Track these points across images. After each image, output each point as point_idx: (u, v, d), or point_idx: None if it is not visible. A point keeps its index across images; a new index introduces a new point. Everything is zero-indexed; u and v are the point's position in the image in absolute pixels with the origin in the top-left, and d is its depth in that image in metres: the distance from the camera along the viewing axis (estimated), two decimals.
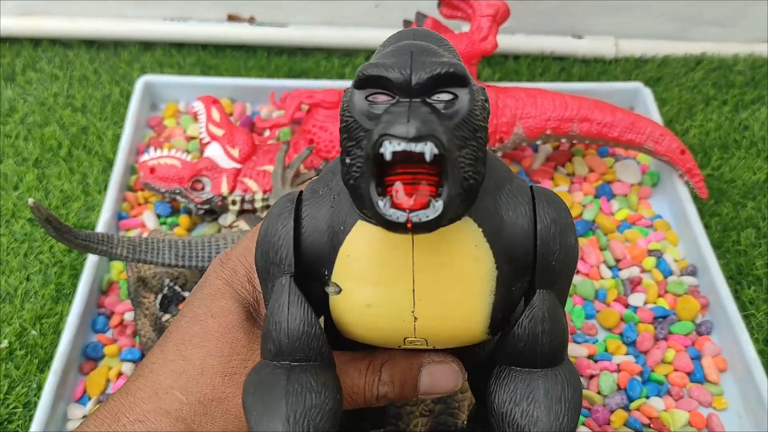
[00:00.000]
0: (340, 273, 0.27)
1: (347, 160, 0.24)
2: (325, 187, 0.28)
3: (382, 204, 0.22)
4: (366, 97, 0.24)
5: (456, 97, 0.24)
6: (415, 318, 0.27)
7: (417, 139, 0.22)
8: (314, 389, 0.26)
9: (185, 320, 0.31)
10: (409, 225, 0.22)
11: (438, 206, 0.22)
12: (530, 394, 0.27)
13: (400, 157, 0.22)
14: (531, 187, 0.28)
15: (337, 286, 0.27)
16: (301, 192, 0.29)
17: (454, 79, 0.23)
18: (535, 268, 0.27)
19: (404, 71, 0.23)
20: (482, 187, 0.25)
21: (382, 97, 0.24)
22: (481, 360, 0.33)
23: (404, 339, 0.28)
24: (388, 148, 0.22)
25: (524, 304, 0.28)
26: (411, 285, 0.26)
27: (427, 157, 0.22)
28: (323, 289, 0.28)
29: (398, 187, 0.23)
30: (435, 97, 0.24)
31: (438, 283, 0.26)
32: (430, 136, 0.22)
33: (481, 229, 0.26)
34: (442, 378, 0.30)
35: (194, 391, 0.29)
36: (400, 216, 0.22)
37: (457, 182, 0.23)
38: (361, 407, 0.31)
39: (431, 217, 0.22)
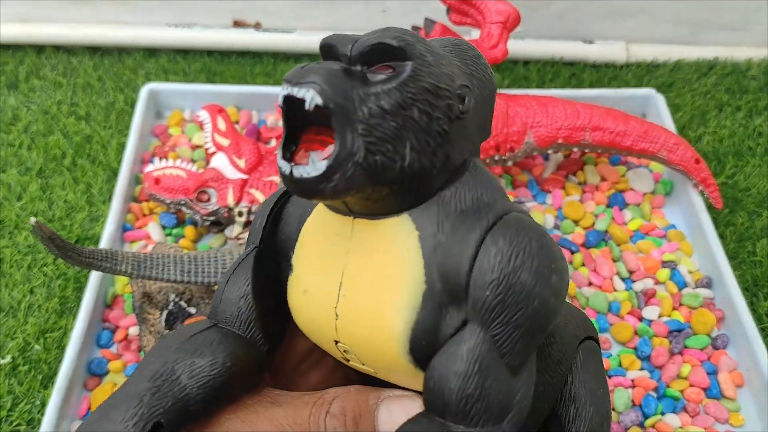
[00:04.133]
0: (296, 255, 0.27)
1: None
2: None
3: (279, 155, 0.22)
4: None
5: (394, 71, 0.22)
6: (337, 315, 0.25)
7: (300, 83, 0.20)
8: (205, 353, 0.25)
9: None
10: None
11: (320, 166, 0.21)
12: None
13: (290, 106, 0.21)
14: (506, 217, 0.23)
15: (291, 267, 0.27)
16: None
17: (390, 52, 0.22)
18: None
19: (351, 42, 0.22)
20: (446, 202, 0.23)
21: None
22: None
23: (335, 342, 0.26)
24: (281, 92, 0.21)
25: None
26: (340, 277, 0.25)
27: (307, 105, 0.20)
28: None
29: (302, 145, 0.22)
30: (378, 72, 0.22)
31: (362, 280, 0.24)
32: (312, 83, 0.20)
33: (417, 233, 0.23)
34: (404, 414, 0.26)
35: None
36: (284, 167, 0.21)
37: (348, 145, 0.21)
38: None
39: (311, 174, 0.21)
